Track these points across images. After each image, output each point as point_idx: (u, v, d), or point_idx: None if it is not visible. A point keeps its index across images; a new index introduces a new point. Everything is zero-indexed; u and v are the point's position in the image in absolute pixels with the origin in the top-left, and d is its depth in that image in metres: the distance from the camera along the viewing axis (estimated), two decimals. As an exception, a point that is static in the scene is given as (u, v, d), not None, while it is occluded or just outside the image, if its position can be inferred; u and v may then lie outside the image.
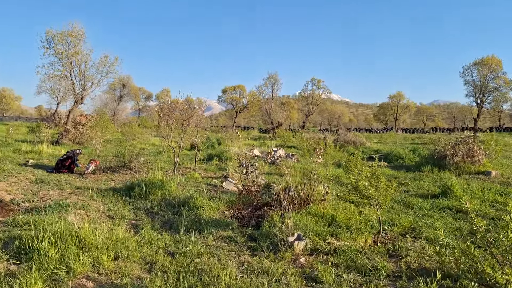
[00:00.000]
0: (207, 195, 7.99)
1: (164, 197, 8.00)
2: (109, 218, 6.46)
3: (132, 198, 7.99)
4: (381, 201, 4.89)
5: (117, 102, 44.40)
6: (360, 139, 23.87)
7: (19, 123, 42.47)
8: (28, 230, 5.17)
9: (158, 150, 20.13)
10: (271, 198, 7.50)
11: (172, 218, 6.45)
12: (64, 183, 9.57)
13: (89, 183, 9.95)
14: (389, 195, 4.94)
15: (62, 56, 20.85)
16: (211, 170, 12.36)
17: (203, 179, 10.80)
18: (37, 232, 4.57)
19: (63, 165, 11.80)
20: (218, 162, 13.89)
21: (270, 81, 38.81)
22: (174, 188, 8.37)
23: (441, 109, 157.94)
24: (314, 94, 40.18)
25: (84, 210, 6.73)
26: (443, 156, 13.68)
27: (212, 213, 6.53)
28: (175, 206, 7.24)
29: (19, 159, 13.55)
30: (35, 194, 8.02)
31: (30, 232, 4.88)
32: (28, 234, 4.62)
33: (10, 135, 23.48)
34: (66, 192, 8.37)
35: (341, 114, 73.41)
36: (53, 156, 15.02)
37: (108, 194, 8.12)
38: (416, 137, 38.91)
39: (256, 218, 6.40)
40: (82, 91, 21.83)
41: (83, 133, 21.33)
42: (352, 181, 5.14)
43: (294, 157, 15.59)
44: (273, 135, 33.65)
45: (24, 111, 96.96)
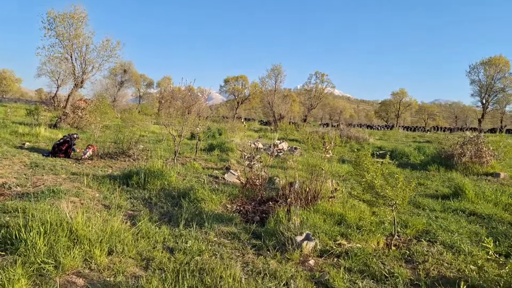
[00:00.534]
0: (208, 187, 7.64)
1: (163, 187, 7.65)
2: (105, 207, 6.11)
3: (130, 186, 7.63)
4: (398, 201, 4.53)
5: (117, 88, 43.87)
6: (363, 135, 23.52)
7: (18, 105, 42.03)
8: (17, 218, 4.82)
9: (158, 138, 19.77)
10: (276, 192, 7.16)
11: (172, 210, 6.10)
12: (60, 168, 9.21)
13: (86, 169, 9.59)
14: (407, 195, 4.58)
15: (63, 38, 20.41)
16: (212, 161, 12.00)
17: (204, 169, 10.44)
18: (26, 221, 4.22)
19: (59, 149, 11.43)
20: (220, 153, 13.53)
21: (274, 73, 38.31)
22: (174, 178, 8.01)
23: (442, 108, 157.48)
24: (317, 87, 39.73)
25: (79, 197, 6.38)
26: (450, 155, 13.33)
27: (214, 207, 6.17)
28: (174, 197, 6.88)
29: (15, 142, 13.19)
30: (29, 179, 7.66)
31: (19, 220, 4.53)
32: (16, 222, 4.27)
33: (8, 116, 23.06)
34: (61, 178, 8.01)
35: (343, 109, 72.90)
36: (50, 140, 14.65)
37: (105, 181, 7.76)
38: (417, 135, 38.57)
39: (261, 213, 6.05)
40: (83, 74, 21.41)
41: (82, 117, 20.93)
42: (368, 179, 4.78)
43: (297, 150, 15.24)
44: (274, 128, 33.25)
45: (24, 93, 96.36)
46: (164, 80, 68.46)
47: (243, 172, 10.38)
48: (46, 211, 4.72)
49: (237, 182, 9.00)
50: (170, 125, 11.32)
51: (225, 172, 10.06)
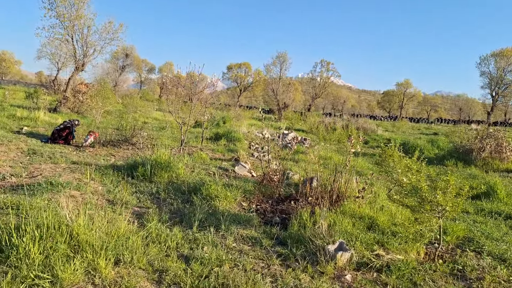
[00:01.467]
0: (220, 181, 7.06)
1: (171, 180, 7.06)
2: (109, 203, 5.53)
3: (135, 179, 7.04)
4: (448, 208, 3.93)
5: (119, 72, 43.03)
6: (371, 126, 22.90)
7: (17, 87, 41.21)
8: (9, 216, 4.24)
9: (161, 125, 19.13)
10: (294, 189, 6.57)
11: (182, 207, 5.51)
12: (59, 156, 8.61)
13: (87, 158, 9.00)
14: (460, 202, 3.98)
15: (64, 18, 19.58)
16: (219, 151, 11.40)
17: (212, 160, 9.85)
18: (19, 221, 3.64)
19: (59, 135, 10.83)
20: (227, 143, 12.91)
21: (279, 60, 37.45)
22: (182, 170, 7.41)
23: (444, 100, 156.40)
24: (322, 76, 38.93)
25: (79, 191, 5.79)
26: (468, 150, 12.74)
27: (228, 205, 5.59)
28: (184, 192, 6.29)
29: (13, 126, 12.56)
30: (25, 168, 7.07)
31: (11, 218, 3.96)
32: (7, 224, 3.69)
33: (6, 99, 22.38)
34: (61, 167, 7.41)
35: (346, 99, 72.06)
36: (49, 125, 14.03)
37: (108, 172, 7.17)
38: (423, 127, 37.96)
39: (280, 213, 5.47)
40: (84, 57, 20.64)
41: (82, 102, 20.24)
42: (413, 181, 4.17)
43: (307, 141, 14.64)
44: (278, 117, 32.58)
45: (24, 76, 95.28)
46: (166, 66, 67.45)
47: (253, 164, 9.80)
48: (43, 210, 4.14)
49: (248, 175, 8.44)
50: (175, 112, 10.67)
51: (234, 164, 9.47)
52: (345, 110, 71.39)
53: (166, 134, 15.18)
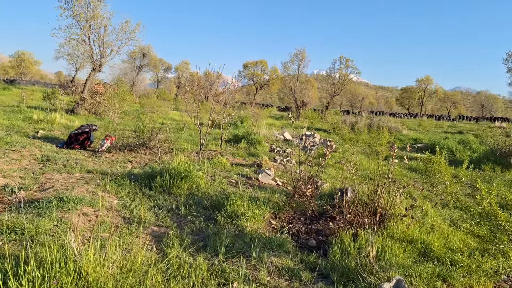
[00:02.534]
0: (244, 193, 6.47)
1: (191, 192, 6.50)
2: (124, 221, 4.99)
3: (153, 190, 6.50)
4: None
5: (136, 72, 42.86)
6: (395, 125, 21.99)
7: (35, 88, 41.47)
8: (11, 244, 3.73)
9: (178, 126, 18.66)
10: (328, 203, 5.92)
11: (205, 227, 4.93)
12: (74, 164, 8.15)
13: (103, 165, 8.53)
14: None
15: (80, 18, 19.25)
16: (239, 155, 10.80)
17: (233, 166, 9.26)
18: (20, 253, 3.11)
19: (76, 139, 10.40)
20: (247, 146, 12.31)
21: (297, 57, 36.59)
22: (202, 180, 6.85)
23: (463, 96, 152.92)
24: (341, 73, 37.91)
25: (93, 207, 5.27)
26: (506, 153, 11.85)
27: (256, 224, 4.97)
28: (206, 207, 5.71)
29: (28, 129, 12.22)
30: (36, 179, 6.61)
31: (12, 249, 3.45)
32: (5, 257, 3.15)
33: (24, 100, 22.27)
34: (74, 177, 6.92)
35: (365, 96, 70.51)
36: (65, 128, 13.68)
37: (124, 183, 6.65)
38: (446, 125, 36.64)
39: (316, 235, 4.84)
40: (101, 58, 20.31)
41: (99, 103, 19.95)
42: (486, 206, 3.49)
43: (331, 143, 13.91)
44: (296, 115, 31.82)
45: (44, 76, 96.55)
46: (182, 65, 67.29)
47: (277, 169, 9.18)
48: (49, 236, 3.62)
49: (272, 184, 7.82)
50: (193, 114, 10.09)
51: (257, 170, 8.87)
52: (364, 107, 69.92)
53: (184, 136, 14.68)
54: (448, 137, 21.34)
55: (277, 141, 13.51)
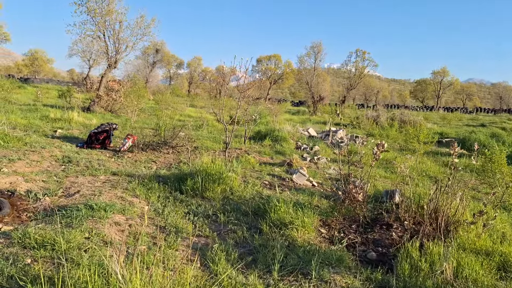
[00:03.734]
0: (282, 196, 5.99)
1: (225, 196, 6.04)
2: (160, 230, 4.54)
3: (184, 194, 6.06)
4: None
5: (150, 68, 42.57)
6: (419, 119, 21.24)
7: (49, 86, 41.47)
8: (41, 261, 3.30)
9: (196, 122, 18.19)
10: (377, 208, 5.40)
11: (250, 237, 4.45)
12: (97, 165, 7.76)
13: (127, 166, 8.13)
14: None
15: (95, 14, 18.89)
16: (266, 154, 10.31)
17: (261, 166, 8.77)
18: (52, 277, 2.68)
19: (96, 138, 10.03)
20: (272, 143, 11.80)
21: (313, 51, 35.83)
22: (236, 183, 6.38)
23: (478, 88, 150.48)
24: (358, 66, 37.12)
25: (124, 215, 4.83)
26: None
27: (307, 234, 4.47)
28: (246, 213, 5.24)
29: (46, 128, 11.89)
30: (60, 182, 6.20)
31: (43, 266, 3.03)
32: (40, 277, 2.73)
33: (39, 99, 22.07)
34: (100, 180, 6.50)
35: (380, 89, 69.40)
36: (83, 126, 13.34)
37: (153, 186, 6.22)
38: (466, 118, 35.65)
39: (374, 245, 4.33)
40: (116, 54, 19.96)
41: (115, 100, 19.62)
42: None
43: (358, 139, 13.35)
44: (313, 110, 31.19)
45: (57, 74, 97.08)
46: (194, 61, 66.86)
47: (309, 168, 8.66)
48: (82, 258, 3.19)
49: (308, 185, 7.33)
50: (220, 113, 9.59)
51: (288, 169, 8.37)
52: (378, 100, 68.87)
53: (204, 133, 14.24)
54: (474, 131, 20.56)
55: (302, 138, 12.98)
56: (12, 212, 4.74)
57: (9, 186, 5.66)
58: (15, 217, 4.65)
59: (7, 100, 18.28)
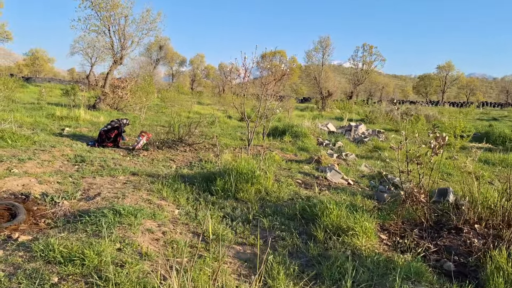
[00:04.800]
0: (322, 196, 5.40)
1: (261, 197, 5.46)
2: (197, 237, 3.97)
3: (214, 195, 5.48)
4: None
5: (153, 65, 41.96)
6: (433, 114, 20.64)
7: (52, 85, 40.93)
8: (70, 280, 2.73)
9: (207, 119, 17.59)
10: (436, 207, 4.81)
11: (304, 246, 3.86)
12: (113, 164, 7.20)
13: (144, 165, 7.56)
14: None
15: (99, 8, 18.31)
16: (289, 150, 9.73)
17: (288, 163, 8.18)
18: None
19: (107, 136, 9.46)
20: (292, 139, 11.21)
21: (321, 45, 35.13)
22: (270, 182, 5.79)
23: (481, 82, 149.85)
24: (365, 61, 36.47)
25: (155, 220, 4.25)
26: None
27: (369, 242, 3.87)
28: (291, 217, 4.65)
29: (53, 127, 11.32)
30: (76, 184, 5.62)
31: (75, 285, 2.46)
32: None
33: (43, 97, 21.50)
34: (119, 181, 5.93)
35: (385, 85, 68.72)
36: (92, 124, 12.76)
37: (179, 187, 5.64)
38: (479, 113, 35.05)
39: (447, 253, 3.74)
40: (122, 50, 19.37)
41: (122, 97, 19.04)
42: None
43: (381, 134, 12.74)
44: (322, 106, 30.59)
45: (57, 73, 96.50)
46: (196, 58, 66.34)
47: (339, 166, 8.07)
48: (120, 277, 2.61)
49: (344, 184, 6.74)
50: (241, 107, 8.98)
51: (319, 167, 7.78)
52: (383, 96, 68.22)
53: (217, 130, 13.66)
54: (492, 125, 19.96)
55: (322, 134, 12.39)
56: (29, 218, 4.16)
57: (22, 188, 5.08)
58: (32, 225, 4.07)
59: (11, 99, 17.70)
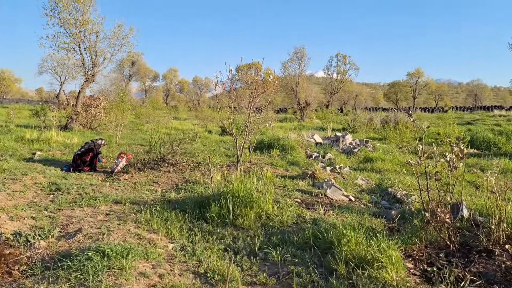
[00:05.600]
0: (328, 217, 4.96)
1: (262, 222, 4.95)
2: (199, 279, 3.43)
3: (210, 223, 4.95)
4: None
5: (126, 82, 40.93)
6: (412, 120, 20.63)
7: (20, 105, 39.31)
8: None
9: (185, 135, 16.95)
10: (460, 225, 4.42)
11: (325, 284, 3.36)
12: (92, 191, 6.56)
13: (126, 190, 6.95)
14: None
15: (69, 25, 17.52)
16: (279, 165, 9.27)
17: (281, 180, 7.71)
18: None
19: (82, 160, 8.75)
20: (280, 153, 10.76)
21: (297, 56, 35.10)
22: (270, 204, 5.29)
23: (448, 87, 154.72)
24: (340, 70, 36.65)
25: (149, 260, 3.69)
26: None
27: (396, 274, 3.42)
28: (301, 246, 4.15)
29: (23, 151, 10.52)
30: (53, 218, 4.98)
31: None
32: None
33: (11, 119, 20.39)
34: (102, 212, 5.30)
35: (359, 93, 69.52)
36: (65, 146, 11.97)
37: (170, 215, 5.07)
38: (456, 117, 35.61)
39: (487, 284, 3.33)
40: (93, 67, 18.57)
41: (95, 116, 18.22)
42: None
43: (368, 144, 12.46)
44: (300, 116, 30.40)
45: (25, 93, 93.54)
46: (170, 72, 65.47)
47: (335, 180, 7.66)
48: None
49: (345, 200, 6.32)
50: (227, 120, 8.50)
51: (315, 183, 7.35)
52: (357, 104, 69.05)
53: (199, 146, 13.08)
54: (470, 129, 20.16)
55: (310, 146, 12.00)
56: (0, 266, 3.53)
57: (-11, 228, 4.42)
58: (4, 273, 3.44)
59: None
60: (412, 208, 5.38)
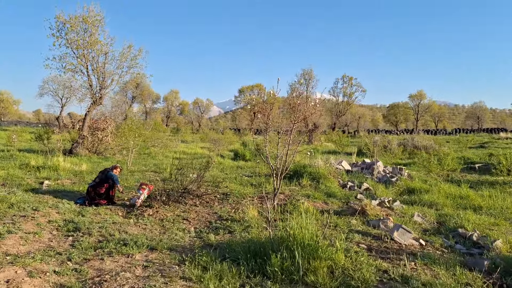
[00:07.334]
0: (414, 273, 4.06)
1: (338, 279, 4.03)
2: None
3: (272, 279, 4.02)
4: None
5: (129, 104, 40.24)
6: (430, 144, 19.90)
7: (19, 128, 38.39)
8: None
9: (197, 159, 16.04)
10: None
11: None
12: (117, 232, 5.66)
13: (155, 229, 6.05)
14: None
15: (77, 46, 16.81)
16: (316, 198, 8.36)
17: (325, 216, 6.80)
18: None
19: (96, 193, 7.82)
20: (312, 182, 9.85)
21: (305, 78, 34.55)
22: (342, 255, 4.38)
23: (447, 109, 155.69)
24: (346, 92, 36.12)
25: None
26: None
27: None
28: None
29: (30, 180, 9.62)
30: (80, 272, 4.04)
31: None
32: None
33: (13, 143, 19.46)
34: (139, 265, 4.35)
35: (362, 115, 68.99)
36: (74, 174, 11.06)
37: (222, 268, 4.14)
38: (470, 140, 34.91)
39: None
40: (101, 89, 17.79)
41: (101, 140, 17.34)
42: None
43: (403, 172, 11.56)
44: (309, 139, 29.63)
45: (22, 115, 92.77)
46: (171, 94, 65.01)
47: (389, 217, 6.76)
48: None
49: (415, 245, 5.41)
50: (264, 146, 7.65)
51: (370, 222, 6.45)
52: (361, 126, 68.55)
53: (217, 173, 12.18)
54: (492, 153, 19.36)
55: (340, 174, 11.13)
56: None
57: (5, 290, 3.50)
58: None
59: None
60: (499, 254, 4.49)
